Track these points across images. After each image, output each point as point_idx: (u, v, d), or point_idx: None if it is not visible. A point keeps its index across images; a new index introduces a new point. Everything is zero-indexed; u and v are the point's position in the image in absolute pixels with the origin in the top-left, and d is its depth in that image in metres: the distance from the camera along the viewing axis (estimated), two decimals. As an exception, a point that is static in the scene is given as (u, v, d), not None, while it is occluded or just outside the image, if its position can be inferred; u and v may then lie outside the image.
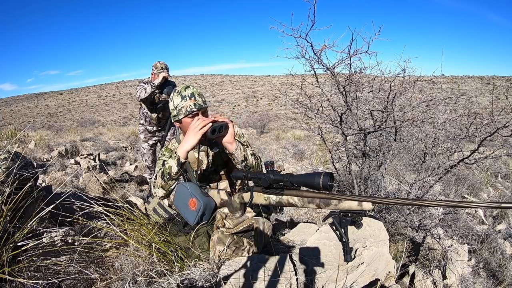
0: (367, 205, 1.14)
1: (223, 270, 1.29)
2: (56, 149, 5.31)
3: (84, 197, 1.66)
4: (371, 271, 1.35)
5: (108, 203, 1.59)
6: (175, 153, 1.50)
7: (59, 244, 1.60)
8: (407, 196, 2.39)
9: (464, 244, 2.33)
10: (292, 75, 2.66)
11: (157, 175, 1.57)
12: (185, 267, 1.42)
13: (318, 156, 6.20)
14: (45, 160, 4.85)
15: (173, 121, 1.68)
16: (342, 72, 2.53)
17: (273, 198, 1.29)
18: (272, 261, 1.31)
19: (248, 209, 1.51)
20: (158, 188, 1.57)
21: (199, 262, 1.45)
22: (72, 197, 1.99)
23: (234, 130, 1.56)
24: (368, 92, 2.58)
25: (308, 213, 3.21)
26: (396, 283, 1.50)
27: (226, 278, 1.23)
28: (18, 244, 1.41)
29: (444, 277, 2.08)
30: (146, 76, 3.76)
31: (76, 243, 1.61)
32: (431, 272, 2.09)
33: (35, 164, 2.45)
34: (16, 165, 1.63)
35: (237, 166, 1.60)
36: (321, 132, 2.78)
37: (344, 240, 1.28)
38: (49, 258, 1.45)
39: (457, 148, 2.38)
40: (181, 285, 1.24)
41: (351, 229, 1.45)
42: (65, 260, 1.46)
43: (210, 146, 1.70)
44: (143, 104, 3.58)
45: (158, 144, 3.88)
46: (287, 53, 2.47)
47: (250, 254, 1.44)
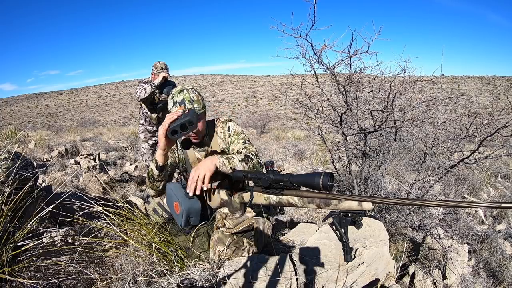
0: (367, 205, 1.14)
1: (223, 270, 1.29)
2: (56, 149, 5.31)
3: (84, 197, 1.66)
4: (371, 271, 1.35)
5: (108, 203, 1.59)
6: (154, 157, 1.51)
7: (59, 244, 1.60)
8: (407, 196, 2.39)
9: (464, 244, 2.33)
10: (292, 75, 2.66)
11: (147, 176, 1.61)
12: (185, 267, 1.42)
13: (318, 156, 6.20)
14: (45, 160, 4.85)
15: None
16: (342, 72, 2.53)
17: (273, 198, 1.29)
18: (272, 261, 1.31)
19: (248, 209, 1.51)
20: (148, 188, 1.64)
21: (199, 262, 1.45)
22: (72, 197, 1.98)
23: (216, 164, 1.41)
24: (368, 92, 2.58)
25: (308, 213, 3.21)
26: (396, 283, 1.50)
27: (226, 278, 1.23)
28: (18, 244, 1.41)
29: (444, 277, 2.08)
30: (146, 76, 3.76)
31: (76, 243, 1.61)
32: (431, 272, 2.08)
33: (35, 164, 2.45)
34: (16, 165, 1.63)
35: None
36: (321, 132, 2.78)
37: (344, 240, 1.28)
38: (49, 258, 1.45)
39: (457, 148, 2.38)
40: (181, 285, 1.24)
41: (351, 229, 1.45)
42: (65, 260, 1.46)
43: (182, 146, 1.61)
44: (143, 104, 3.58)
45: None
46: (287, 53, 2.48)
47: (250, 254, 1.44)
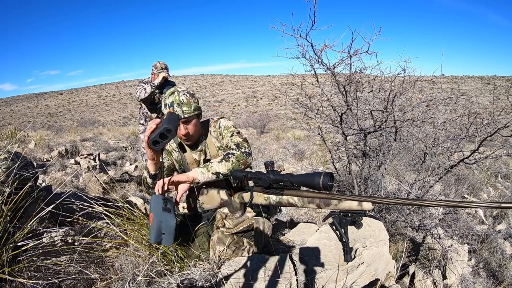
0: (367, 205, 1.14)
1: (223, 270, 1.29)
2: (56, 149, 5.31)
3: (84, 197, 1.66)
4: (371, 271, 1.35)
5: (108, 203, 1.59)
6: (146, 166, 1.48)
7: (59, 244, 1.60)
8: (407, 196, 2.39)
9: (464, 244, 2.33)
10: (292, 75, 2.66)
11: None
12: (185, 267, 1.42)
13: (318, 156, 6.20)
14: (45, 160, 4.85)
15: None
16: (343, 72, 2.53)
17: (273, 198, 1.29)
18: (272, 261, 1.32)
19: (248, 209, 1.51)
20: (145, 193, 1.59)
21: (199, 262, 1.45)
22: (72, 197, 1.98)
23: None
24: (368, 92, 2.58)
25: (308, 213, 3.21)
26: (396, 283, 1.50)
27: (226, 278, 1.23)
28: (18, 244, 1.41)
29: (444, 277, 2.08)
30: (146, 76, 3.76)
31: (76, 243, 1.61)
32: (431, 272, 2.08)
33: (35, 164, 2.45)
34: (16, 165, 1.63)
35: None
36: (321, 132, 2.78)
37: (344, 240, 1.28)
38: (49, 258, 1.45)
39: (457, 148, 2.38)
40: (181, 285, 1.24)
41: (351, 229, 1.45)
42: (65, 260, 1.46)
43: (179, 148, 1.65)
44: (143, 104, 3.58)
45: None
46: (288, 53, 2.48)
47: (250, 254, 1.44)
